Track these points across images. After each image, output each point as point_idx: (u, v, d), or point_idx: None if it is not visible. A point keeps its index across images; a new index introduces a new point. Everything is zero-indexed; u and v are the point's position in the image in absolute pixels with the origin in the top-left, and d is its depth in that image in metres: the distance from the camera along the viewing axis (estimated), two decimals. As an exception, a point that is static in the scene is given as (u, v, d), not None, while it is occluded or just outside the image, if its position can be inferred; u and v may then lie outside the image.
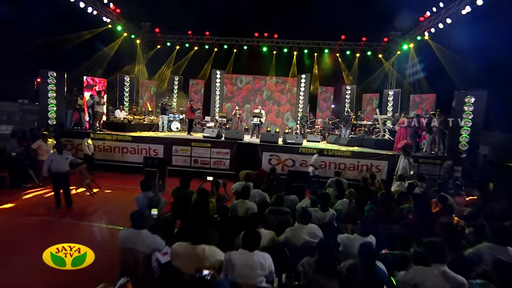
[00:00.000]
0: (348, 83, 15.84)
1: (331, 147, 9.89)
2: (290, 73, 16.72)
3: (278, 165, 8.74)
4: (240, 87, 16.73)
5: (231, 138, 9.20)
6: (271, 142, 8.99)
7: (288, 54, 16.77)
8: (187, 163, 9.01)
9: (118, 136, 9.10)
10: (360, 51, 15.82)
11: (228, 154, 8.92)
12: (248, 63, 16.61)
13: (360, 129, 12.24)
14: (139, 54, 14.94)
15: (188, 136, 9.93)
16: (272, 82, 16.65)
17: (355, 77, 16.03)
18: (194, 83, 16.83)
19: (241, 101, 16.61)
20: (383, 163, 8.32)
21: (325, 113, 16.44)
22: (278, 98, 16.65)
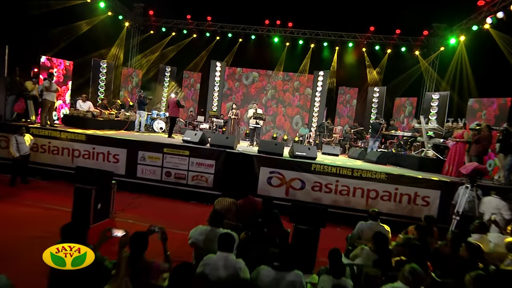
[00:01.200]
0: (372, 83, 13.54)
1: (354, 163, 7.60)
2: (301, 69, 14.49)
3: (280, 187, 6.51)
4: (246, 84, 14.60)
5: (218, 145, 7.03)
6: (273, 154, 6.78)
7: (303, 47, 14.63)
8: (156, 175, 6.88)
9: (69, 134, 7.07)
10: (392, 46, 13.54)
11: (213, 167, 6.75)
12: (254, 55, 14.55)
13: (392, 141, 9.87)
14: (122, 38, 13.06)
15: (165, 140, 7.83)
16: (279, 80, 14.45)
17: (382, 77, 13.72)
18: (187, 76, 14.82)
19: (240, 100, 14.50)
20: (433, 193, 5.97)
21: (344, 120, 14.13)
22: (287, 98, 14.44)
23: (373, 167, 7.16)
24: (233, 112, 9.68)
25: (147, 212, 5.70)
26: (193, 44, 14.77)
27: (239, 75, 14.59)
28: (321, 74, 13.53)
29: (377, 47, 13.75)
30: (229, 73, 14.60)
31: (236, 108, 9.82)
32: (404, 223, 5.80)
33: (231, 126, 9.63)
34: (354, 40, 13.84)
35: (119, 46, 12.87)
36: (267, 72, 14.56)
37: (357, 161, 8.52)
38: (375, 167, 7.08)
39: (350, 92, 14.07)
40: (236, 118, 9.69)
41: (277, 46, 14.72)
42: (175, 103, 8.95)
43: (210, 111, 9.17)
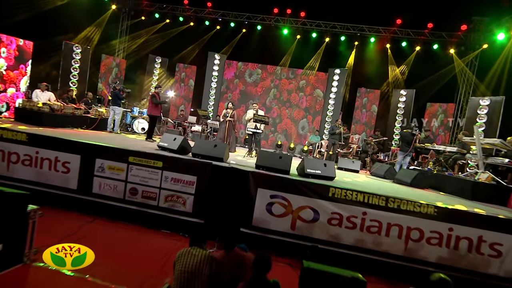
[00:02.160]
0: (394, 84, 11.90)
1: (380, 186, 5.96)
2: (309, 66, 12.92)
3: (285, 217, 4.89)
4: (249, 82, 13.01)
5: (203, 156, 5.45)
6: (276, 171, 5.17)
7: (317, 41, 13.09)
8: (118, 192, 5.30)
9: (4, 132, 5.53)
10: (422, 42, 11.93)
11: (194, 186, 5.14)
12: (259, 49, 13.05)
13: (425, 156, 8.19)
14: (104, 20, 11.58)
15: (133, 145, 6.30)
16: (284, 78, 12.85)
17: (405, 78, 12.13)
18: (178, 69, 13.29)
19: (237, 99, 12.94)
20: (506, 238, 4.29)
21: (359, 127, 12.48)
22: (293, 98, 12.83)
23: (411, 193, 5.50)
24: (228, 113, 8.09)
25: (94, 246, 4.09)
26: (189, 33, 13.29)
27: (240, 71, 13.02)
28: (337, 72, 11.97)
29: (404, 44, 12.16)
30: (228, 67, 13.03)
31: (233, 108, 8.24)
32: (462, 280, 4.15)
33: (225, 131, 8.03)
34: (377, 34, 12.29)
35: (98, 30, 11.37)
36: (271, 69, 12.97)
37: (382, 181, 6.87)
38: (416, 194, 5.42)
39: (369, 95, 12.41)
40: (232, 120, 8.11)
41: (286, 39, 13.22)
42: (151, 98, 7.41)
43: (200, 110, 7.59)
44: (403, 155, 7.73)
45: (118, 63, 12.03)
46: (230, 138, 8.09)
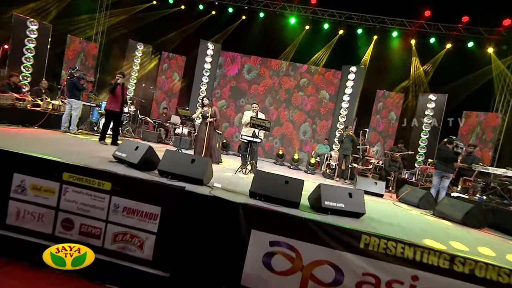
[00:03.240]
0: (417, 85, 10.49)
1: (419, 223, 4.50)
2: (313, 61, 11.52)
3: (290, 276, 3.40)
4: (248, 78, 11.53)
5: (173, 174, 3.95)
6: (278, 202, 3.70)
7: (328, 33, 11.72)
8: (45, 225, 3.78)
9: None
10: (454, 39, 10.54)
11: (156, 221, 3.62)
12: (259, 39, 11.63)
13: (468, 180, 6.72)
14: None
15: (82, 156, 4.80)
16: (283, 75, 11.39)
17: (429, 79, 10.78)
18: (163, 59, 11.78)
19: (228, 96, 11.48)
20: None
21: (374, 136, 11.04)
22: (294, 99, 11.38)
23: (471, 237, 4.01)
24: (207, 112, 6.57)
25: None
26: (179, 17, 11.80)
27: (235, 63, 11.51)
28: (353, 70, 10.55)
29: (433, 40, 10.75)
30: (232, 63, 11.53)
31: (209, 104, 6.67)
32: None
33: (206, 138, 6.48)
34: (400, 28, 10.93)
35: (61, 3, 9.78)
36: (276, 65, 11.50)
37: (418, 212, 5.40)
38: (481, 240, 3.93)
39: (387, 101, 10.96)
40: (213, 121, 6.59)
41: (293, 30, 11.80)
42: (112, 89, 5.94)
43: (180, 109, 6.07)
44: (439, 176, 6.26)
45: (85, 46, 10.44)
46: (212, 145, 6.57)
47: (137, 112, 9.37)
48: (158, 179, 3.86)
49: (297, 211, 3.66)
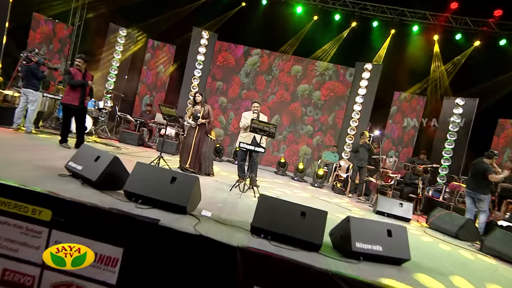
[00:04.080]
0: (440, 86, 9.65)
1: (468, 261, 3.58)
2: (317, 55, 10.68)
3: None
4: (242, 82, 10.58)
5: (145, 198, 2.96)
6: (291, 241, 2.75)
7: (340, 25, 10.86)
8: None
9: None
10: (484, 36, 9.70)
11: (115, 268, 2.61)
12: (259, 29, 10.70)
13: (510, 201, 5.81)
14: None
15: (22, 168, 3.79)
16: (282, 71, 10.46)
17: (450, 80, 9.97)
18: (148, 48, 10.77)
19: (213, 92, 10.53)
20: None
21: (387, 144, 10.18)
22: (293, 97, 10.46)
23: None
24: (199, 111, 5.61)
25: None
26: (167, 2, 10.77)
27: (247, 54, 10.53)
28: (368, 68, 9.69)
29: (459, 36, 9.90)
30: (221, 48, 10.56)
31: (203, 101, 5.72)
32: None
33: (194, 143, 5.52)
34: (422, 21, 10.11)
35: None
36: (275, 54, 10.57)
37: (458, 245, 4.47)
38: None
39: (402, 104, 10.08)
40: (205, 123, 5.63)
41: (300, 20, 10.88)
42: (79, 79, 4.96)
43: (164, 106, 5.07)
44: (471, 199, 5.36)
45: (54, 27, 9.33)
46: (202, 152, 5.59)
47: (114, 108, 8.35)
48: (123, 205, 2.86)
49: (318, 258, 2.70)
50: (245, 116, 5.64)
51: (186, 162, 5.57)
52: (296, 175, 8.42)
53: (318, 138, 10.19)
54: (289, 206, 3.01)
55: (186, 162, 5.56)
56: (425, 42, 10.20)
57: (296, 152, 10.23)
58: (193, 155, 5.53)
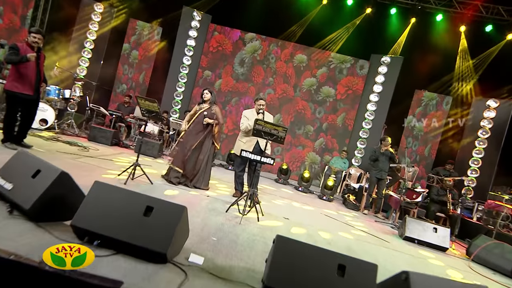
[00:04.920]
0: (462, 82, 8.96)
1: None
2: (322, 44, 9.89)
3: None
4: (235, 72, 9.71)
5: (104, 238, 2.05)
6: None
7: (352, 11, 10.06)
8: None
9: None
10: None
11: None
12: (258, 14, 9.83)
13: None
14: None
15: None
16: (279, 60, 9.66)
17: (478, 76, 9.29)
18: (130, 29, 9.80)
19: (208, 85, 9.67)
20: None
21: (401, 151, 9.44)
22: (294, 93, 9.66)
23: None
24: (204, 108, 4.76)
25: None
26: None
27: (229, 38, 9.62)
28: (386, 61, 8.91)
29: (489, 27, 9.18)
30: (214, 33, 9.63)
31: (212, 99, 4.90)
32: None
33: (194, 147, 4.66)
34: (447, 10, 9.35)
35: None
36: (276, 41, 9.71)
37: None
38: None
39: (423, 106, 9.35)
40: (213, 125, 4.79)
41: (307, 4, 10.03)
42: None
43: (142, 99, 4.16)
44: None
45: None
46: (200, 160, 4.73)
47: (85, 98, 7.36)
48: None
49: None
50: (246, 116, 4.78)
51: (180, 168, 4.71)
52: (301, 185, 7.59)
53: (321, 140, 9.37)
54: (320, 254, 2.16)
55: (180, 169, 4.71)
56: (450, 34, 9.44)
57: (298, 158, 9.40)
58: (188, 161, 4.69)
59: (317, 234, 4.00)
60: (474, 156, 8.31)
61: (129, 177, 4.05)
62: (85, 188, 2.39)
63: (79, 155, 4.97)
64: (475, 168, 8.26)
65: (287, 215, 4.65)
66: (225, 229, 3.27)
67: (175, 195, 4.09)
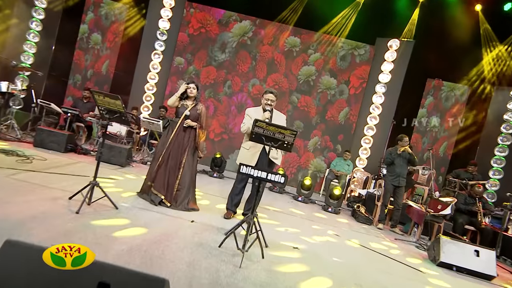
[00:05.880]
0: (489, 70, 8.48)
1: None
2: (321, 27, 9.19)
3: None
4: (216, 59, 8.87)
5: None
6: None
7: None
8: None
9: None
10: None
11: None
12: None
13: None
14: None
15: None
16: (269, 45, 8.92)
17: None
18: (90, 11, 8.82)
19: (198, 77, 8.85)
20: None
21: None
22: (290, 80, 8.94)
23: None
24: (186, 107, 4.00)
25: None
26: None
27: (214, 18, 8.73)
28: (394, 45, 8.31)
29: (508, 6, 8.66)
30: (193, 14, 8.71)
31: (197, 94, 4.13)
32: None
33: (169, 155, 3.87)
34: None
35: None
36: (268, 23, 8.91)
37: None
38: None
39: (435, 96, 8.80)
40: (196, 128, 4.02)
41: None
42: None
43: (99, 94, 3.27)
44: None
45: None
46: (183, 174, 3.93)
47: (30, 92, 6.29)
48: None
49: None
50: (249, 115, 4.00)
51: (153, 181, 3.95)
52: (301, 194, 6.84)
53: (315, 140, 8.66)
54: None
55: (153, 181, 3.95)
56: (465, 13, 8.87)
57: (293, 164, 8.66)
58: (166, 174, 3.93)
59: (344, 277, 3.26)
60: (496, 155, 7.79)
61: (84, 201, 3.17)
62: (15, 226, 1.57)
63: (17, 170, 4.02)
64: (498, 169, 7.75)
65: (295, 239, 3.91)
66: (222, 279, 2.47)
67: (148, 223, 3.23)
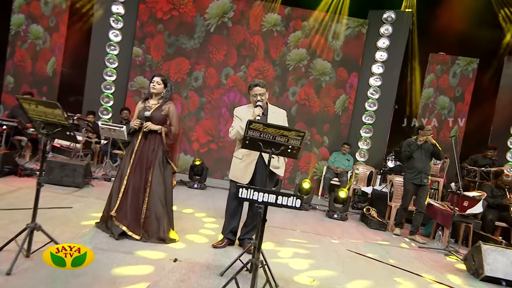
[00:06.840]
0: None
1: None
2: None
3: None
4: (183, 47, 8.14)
5: None
6: None
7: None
8: None
9: None
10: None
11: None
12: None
13: None
14: None
15: None
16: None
17: None
18: None
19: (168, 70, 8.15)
20: None
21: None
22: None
23: None
24: (149, 108, 3.40)
25: None
26: None
27: None
28: (390, 18, 7.75)
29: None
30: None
31: (167, 92, 3.48)
32: None
33: (128, 173, 3.23)
34: None
35: None
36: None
37: None
38: None
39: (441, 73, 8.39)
40: (161, 133, 3.42)
41: None
42: None
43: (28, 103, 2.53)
44: None
45: None
46: (155, 198, 3.30)
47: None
48: None
49: None
50: (238, 116, 3.39)
51: (115, 206, 3.32)
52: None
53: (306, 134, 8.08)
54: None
55: (115, 208, 3.31)
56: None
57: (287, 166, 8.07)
58: (129, 199, 3.32)
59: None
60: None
61: (20, 252, 2.41)
62: None
63: None
64: (514, 154, 7.44)
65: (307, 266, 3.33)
66: None
67: (113, 275, 2.52)
